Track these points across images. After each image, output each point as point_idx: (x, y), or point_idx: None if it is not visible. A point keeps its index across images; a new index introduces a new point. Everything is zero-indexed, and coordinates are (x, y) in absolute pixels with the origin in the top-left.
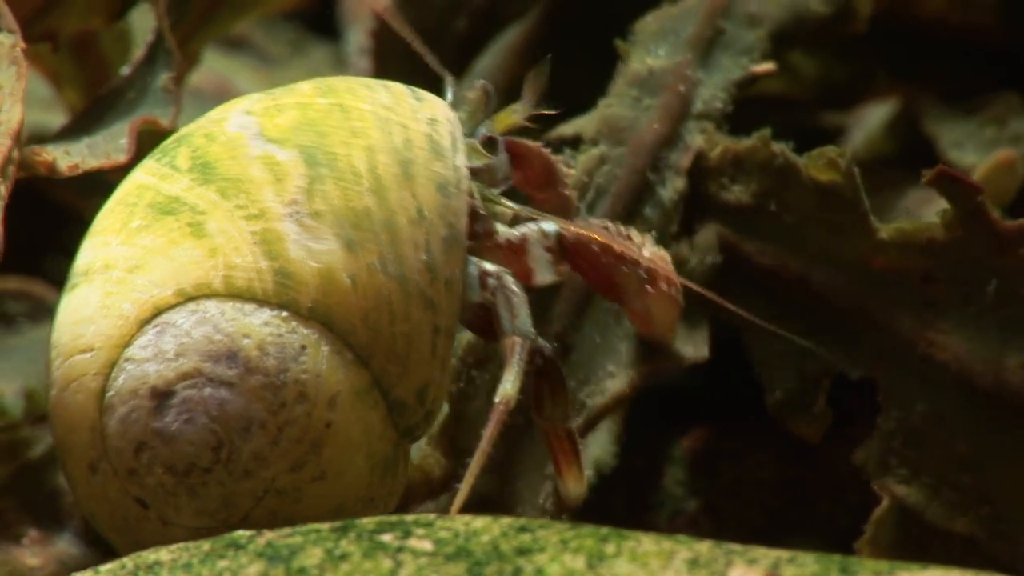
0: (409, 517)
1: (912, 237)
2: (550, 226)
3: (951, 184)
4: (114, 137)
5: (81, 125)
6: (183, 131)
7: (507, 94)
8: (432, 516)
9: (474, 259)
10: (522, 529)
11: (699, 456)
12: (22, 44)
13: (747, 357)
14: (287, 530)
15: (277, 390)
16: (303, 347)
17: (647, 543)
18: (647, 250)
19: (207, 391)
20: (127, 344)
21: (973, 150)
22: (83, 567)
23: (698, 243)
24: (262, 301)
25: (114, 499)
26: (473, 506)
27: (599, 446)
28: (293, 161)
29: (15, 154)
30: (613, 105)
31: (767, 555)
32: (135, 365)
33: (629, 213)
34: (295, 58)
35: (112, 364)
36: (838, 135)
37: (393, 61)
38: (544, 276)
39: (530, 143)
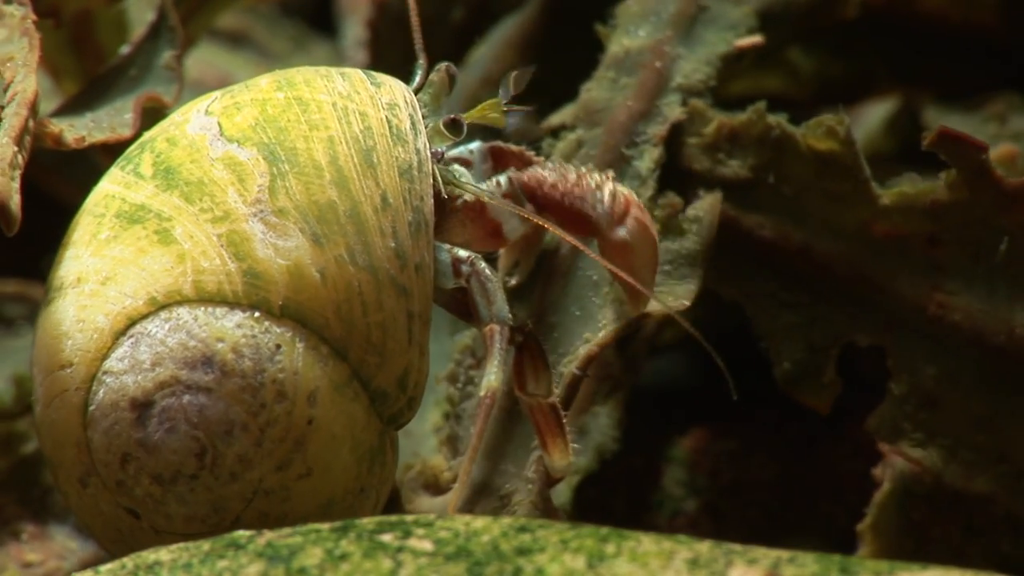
0: (409, 517)
1: (915, 201)
2: (502, 176)
3: (954, 144)
4: (118, 112)
5: (82, 102)
6: (146, 136)
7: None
8: (432, 516)
9: (446, 246)
10: (522, 529)
11: (699, 456)
12: (33, 16)
13: (752, 330)
14: (287, 530)
15: (256, 391)
16: (278, 346)
17: (647, 543)
18: (610, 184)
19: (186, 398)
20: (104, 357)
21: None
22: (82, 561)
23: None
24: (233, 303)
25: (107, 511)
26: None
27: (600, 431)
28: (254, 159)
29: (31, 124)
30: (592, 89)
31: (767, 555)
32: (113, 378)
33: None
34: (296, 54)
35: (91, 378)
36: None
37: (389, 51)
38: (513, 227)
39: (512, 146)
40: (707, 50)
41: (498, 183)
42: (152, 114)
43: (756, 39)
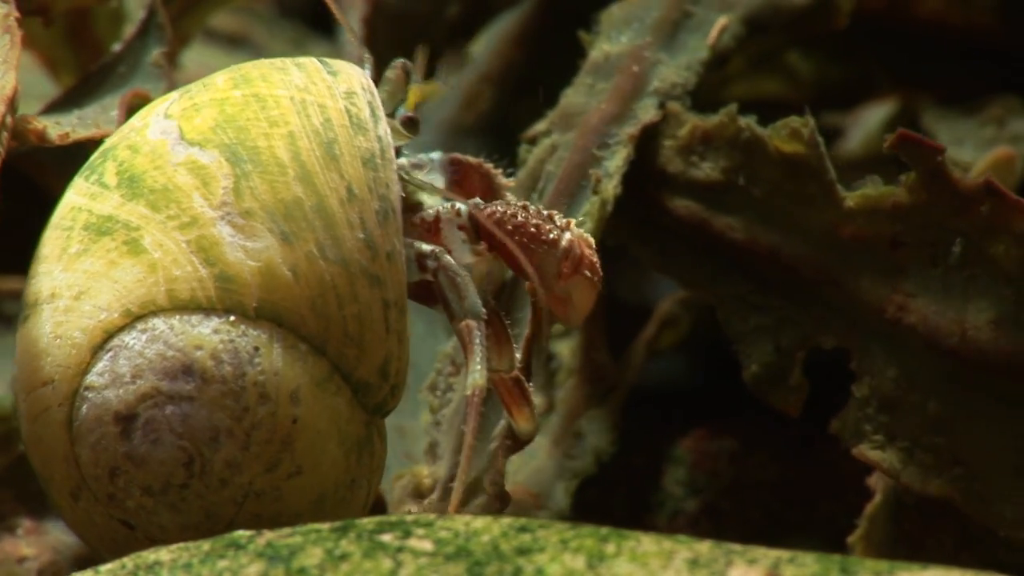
0: (409, 517)
1: (878, 203)
2: (463, 205)
3: (912, 147)
4: (104, 109)
5: (72, 99)
6: (108, 143)
7: (503, 82)
8: (432, 516)
9: (409, 241)
10: (522, 529)
11: (699, 456)
12: (16, 13)
13: (724, 333)
14: (287, 530)
15: (238, 396)
16: (256, 348)
17: (647, 543)
18: (569, 233)
19: (169, 409)
20: (84, 372)
21: (972, 148)
22: (77, 556)
23: None
24: (208, 309)
25: (101, 524)
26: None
27: (596, 435)
28: (217, 162)
29: (8, 120)
30: (570, 95)
31: (767, 555)
32: (95, 393)
33: (576, 189)
34: (295, 55)
35: (73, 394)
36: (837, 136)
37: (385, 47)
38: (462, 255)
39: (471, 158)
40: (688, 56)
41: (458, 212)
42: (138, 111)
43: (722, 21)
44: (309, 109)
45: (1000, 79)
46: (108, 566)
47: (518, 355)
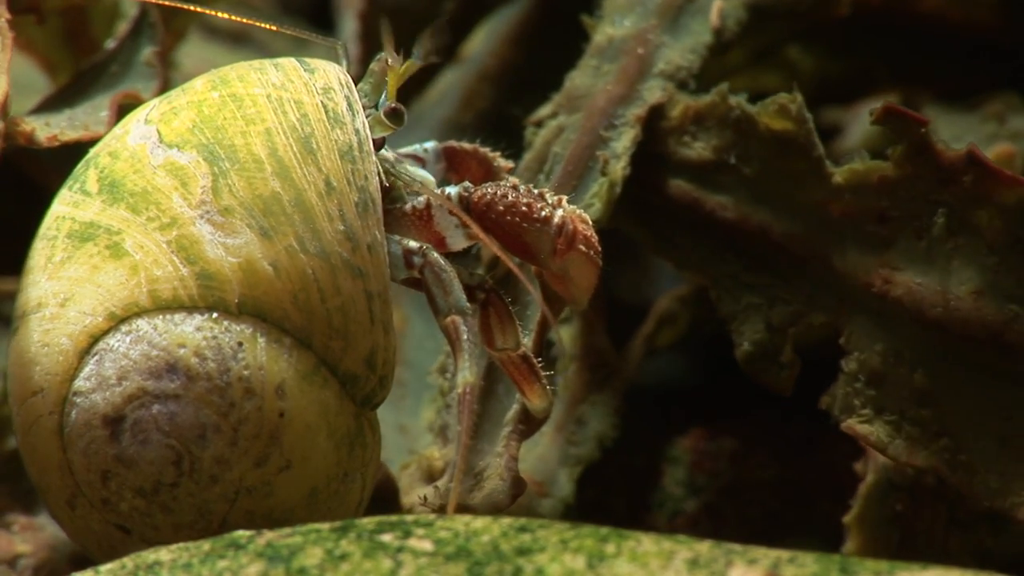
0: (409, 517)
1: (865, 177)
2: (453, 189)
3: (897, 119)
4: (95, 109)
5: (63, 98)
6: (91, 152)
7: (501, 81)
8: (432, 516)
9: (396, 237)
10: (522, 529)
11: (699, 456)
12: (7, 15)
13: (717, 313)
14: (287, 530)
15: (223, 392)
16: (239, 344)
17: (647, 543)
18: (562, 210)
19: (155, 408)
20: (72, 378)
21: None
22: (73, 553)
23: None
24: (190, 308)
25: (98, 529)
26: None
27: (599, 419)
28: (195, 162)
29: (0, 125)
30: (575, 78)
31: (767, 555)
32: (83, 397)
33: (583, 170)
34: (297, 53)
35: (63, 400)
36: (836, 132)
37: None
38: (456, 241)
39: (466, 145)
40: (693, 39)
41: (448, 196)
42: (130, 111)
43: (719, 3)
44: (286, 106)
45: (1000, 75)
46: (108, 566)
47: (527, 340)
